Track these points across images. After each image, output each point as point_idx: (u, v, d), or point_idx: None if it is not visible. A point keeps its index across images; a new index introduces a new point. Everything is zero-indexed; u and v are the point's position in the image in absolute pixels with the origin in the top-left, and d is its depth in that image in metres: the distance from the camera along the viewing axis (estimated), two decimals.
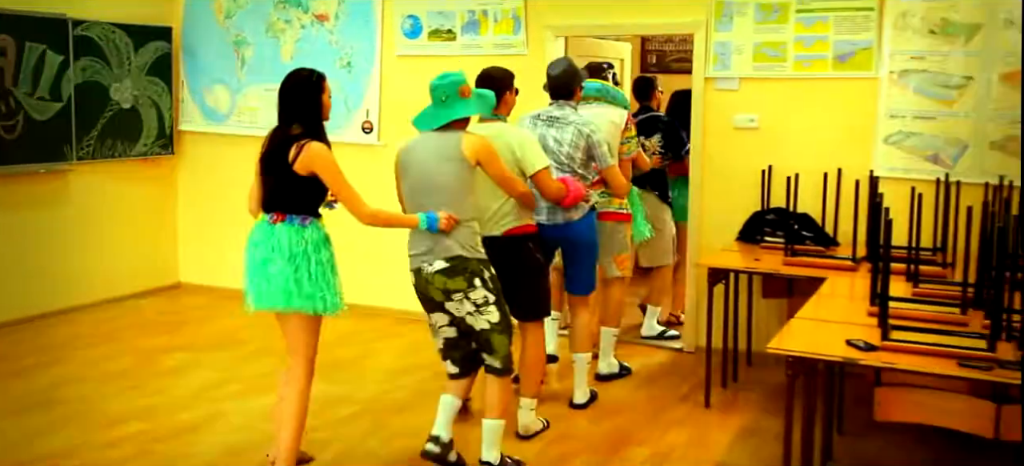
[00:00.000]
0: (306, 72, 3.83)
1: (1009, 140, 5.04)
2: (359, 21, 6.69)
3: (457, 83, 3.95)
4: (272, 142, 3.76)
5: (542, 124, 4.76)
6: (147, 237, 7.37)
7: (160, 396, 4.97)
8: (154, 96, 7.18)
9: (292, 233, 3.71)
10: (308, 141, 3.67)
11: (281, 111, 3.77)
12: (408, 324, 6.50)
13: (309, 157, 3.65)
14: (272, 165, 3.74)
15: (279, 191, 3.74)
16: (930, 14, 5.19)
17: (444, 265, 3.83)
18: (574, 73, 4.87)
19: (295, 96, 3.76)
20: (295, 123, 3.72)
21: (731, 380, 5.28)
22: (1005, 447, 3.34)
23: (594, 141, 4.67)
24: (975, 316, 3.59)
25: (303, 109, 3.74)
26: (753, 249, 5.20)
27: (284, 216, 3.73)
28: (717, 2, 5.66)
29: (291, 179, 3.68)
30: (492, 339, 3.89)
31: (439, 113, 3.95)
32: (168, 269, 7.54)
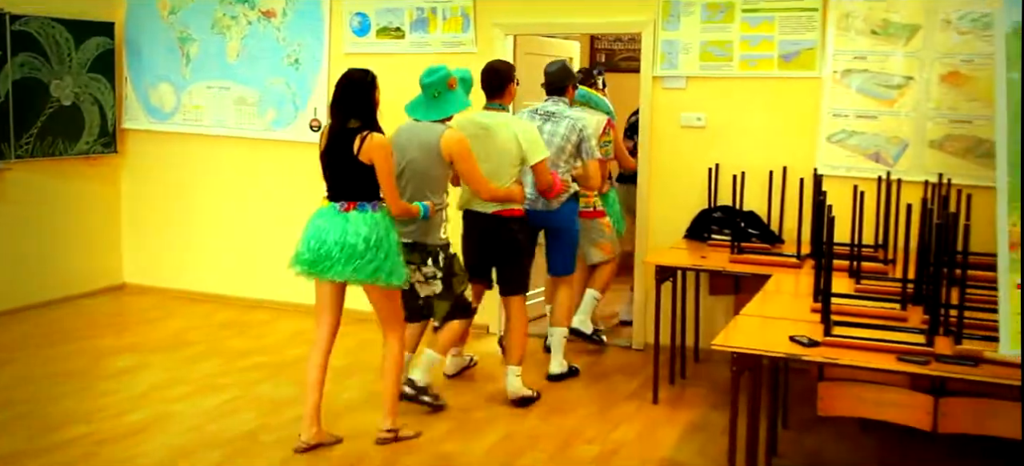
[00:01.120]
0: (361, 72, 4.19)
1: (947, 139, 5.16)
2: (307, 18, 6.63)
3: (445, 77, 4.53)
4: (332, 137, 4.13)
5: (539, 118, 5.23)
6: (90, 237, 7.22)
7: (107, 398, 4.89)
8: (96, 93, 7.04)
9: (367, 220, 4.07)
10: (370, 133, 4.07)
11: (338, 108, 4.13)
12: (356, 323, 6.43)
13: (370, 147, 4.04)
14: (336, 157, 4.11)
15: (347, 180, 4.11)
16: (872, 15, 5.30)
17: (409, 241, 4.46)
18: (569, 72, 5.45)
19: (351, 94, 4.13)
20: (352, 118, 4.10)
21: (679, 377, 5.34)
22: (943, 439, 3.42)
23: (585, 135, 5.17)
24: (915, 312, 3.67)
25: (359, 105, 4.12)
26: (700, 247, 5.26)
27: (355, 204, 4.09)
28: (664, 1, 5.72)
29: (357, 168, 4.06)
30: (433, 304, 4.65)
31: (435, 107, 4.55)
32: (113, 269, 7.40)
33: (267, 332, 6.28)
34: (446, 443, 4.37)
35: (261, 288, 6.95)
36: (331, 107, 4.19)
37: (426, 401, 4.69)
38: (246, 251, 7.05)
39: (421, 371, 4.71)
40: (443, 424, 4.60)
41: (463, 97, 4.66)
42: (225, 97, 6.95)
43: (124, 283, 7.45)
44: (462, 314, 4.71)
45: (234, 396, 4.95)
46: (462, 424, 4.61)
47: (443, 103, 4.54)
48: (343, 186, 4.12)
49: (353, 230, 4.03)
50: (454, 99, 4.58)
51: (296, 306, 6.78)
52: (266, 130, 6.84)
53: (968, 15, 5.08)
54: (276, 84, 6.77)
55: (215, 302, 7.00)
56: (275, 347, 5.92)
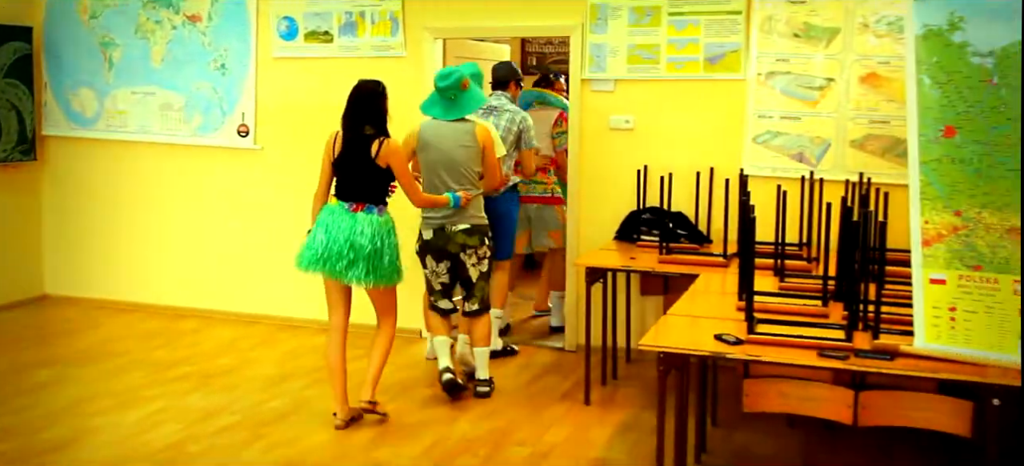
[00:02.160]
0: (372, 83, 4.58)
1: (867, 139, 5.29)
2: (233, 22, 6.53)
3: (459, 80, 4.91)
4: (348, 143, 4.47)
5: (483, 112, 5.48)
6: (9, 247, 7.00)
7: (22, 414, 4.74)
8: (14, 99, 6.84)
9: (373, 222, 4.44)
10: (386, 138, 4.46)
11: (352, 116, 4.50)
12: (288, 330, 6.39)
13: (388, 151, 4.44)
14: (352, 161, 4.46)
15: (360, 182, 4.47)
16: (793, 18, 5.40)
17: (468, 227, 4.91)
18: (512, 70, 5.96)
19: (365, 103, 4.51)
20: (366, 125, 4.46)
21: (611, 377, 5.38)
22: (865, 432, 3.50)
23: (524, 126, 5.60)
24: (836, 308, 3.75)
25: (373, 114, 4.49)
26: (630, 248, 5.30)
27: (363, 206, 4.46)
28: (592, 5, 5.76)
29: (372, 171, 4.43)
30: (477, 285, 5.00)
31: (454, 108, 4.94)
32: (32, 280, 7.19)
33: (195, 341, 6.16)
34: (378, 448, 4.34)
35: (189, 296, 6.83)
36: (344, 116, 4.52)
37: (485, 392, 5.06)
38: (174, 259, 6.91)
39: (482, 368, 5.10)
40: (373, 429, 4.56)
41: (479, 94, 5.06)
42: (150, 102, 6.81)
43: (45, 294, 7.24)
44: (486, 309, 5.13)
45: (160, 407, 4.85)
46: (393, 429, 4.58)
47: (461, 104, 4.95)
48: (355, 188, 4.48)
49: (359, 230, 4.40)
50: (470, 98, 4.98)
51: (225, 314, 6.68)
52: (192, 136, 6.72)
53: (884, 18, 5.21)
54: (202, 89, 6.65)
55: (141, 312, 6.85)
56: (203, 356, 5.81)
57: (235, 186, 6.71)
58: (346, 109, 4.53)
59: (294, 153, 6.50)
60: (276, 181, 6.57)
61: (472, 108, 5.00)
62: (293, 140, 6.49)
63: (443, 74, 4.96)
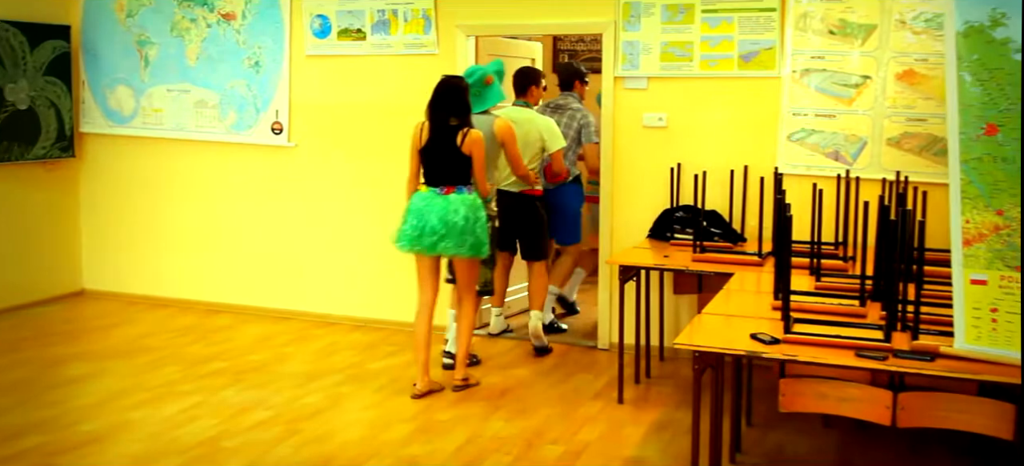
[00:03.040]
0: (456, 79, 5.07)
1: (905, 137, 5.22)
2: (267, 20, 6.58)
3: (483, 77, 5.33)
4: (434, 132, 4.89)
5: (550, 110, 6.18)
6: (48, 243, 7.10)
7: (60, 407, 4.81)
8: (53, 97, 6.93)
9: (464, 200, 4.86)
10: (470, 129, 4.89)
11: (437, 108, 4.93)
12: (322, 327, 6.43)
13: (471, 141, 4.87)
14: (439, 149, 4.89)
15: (448, 168, 4.88)
16: (829, 15, 5.35)
17: None
18: (575, 70, 6.43)
19: (450, 97, 4.93)
20: (452, 116, 4.88)
21: (644, 376, 5.36)
22: (903, 433, 3.46)
23: (584, 123, 6.15)
24: (873, 308, 3.71)
25: (457, 106, 4.92)
26: (663, 246, 5.28)
27: (453, 188, 4.87)
28: (625, 3, 5.74)
29: (458, 158, 4.86)
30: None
31: (477, 103, 5.23)
32: (71, 276, 7.29)
33: (229, 337, 6.22)
34: (411, 445, 4.35)
35: (224, 292, 6.89)
36: (430, 108, 4.94)
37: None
38: (207, 255, 6.97)
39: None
40: (407, 426, 4.58)
41: (499, 90, 5.42)
42: (185, 100, 6.87)
43: (83, 289, 7.35)
44: (486, 293, 5.45)
45: (194, 403, 4.89)
46: (426, 426, 4.59)
47: (484, 98, 5.32)
48: (443, 173, 4.89)
49: (453, 209, 4.82)
50: (491, 94, 5.36)
51: (259, 310, 6.73)
52: (227, 133, 6.78)
53: (922, 15, 5.14)
54: (237, 87, 6.70)
55: (175, 307, 6.92)
56: (236, 352, 5.86)
57: (269, 183, 6.75)
58: (432, 101, 4.95)
59: (327, 150, 6.54)
60: (309, 178, 6.61)
61: (494, 102, 5.37)
62: (326, 137, 6.53)
63: (468, 73, 5.36)
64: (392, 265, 6.39)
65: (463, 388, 5.09)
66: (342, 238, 6.56)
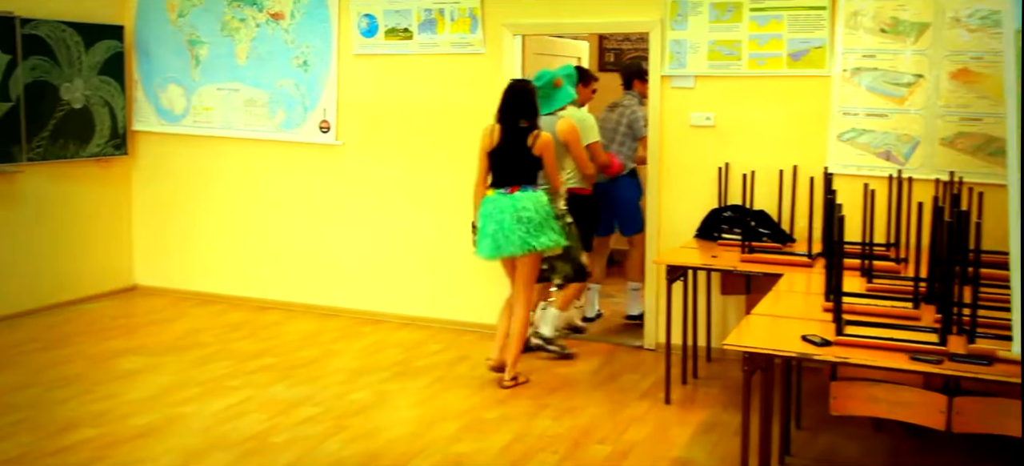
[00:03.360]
0: (523, 82, 5.27)
1: (959, 137, 5.14)
2: (315, 20, 6.64)
3: (551, 80, 5.51)
4: (505, 135, 5.05)
5: (607, 109, 6.49)
6: (101, 239, 7.24)
7: (114, 400, 4.90)
8: (106, 96, 7.06)
9: (530, 196, 5.01)
10: (540, 130, 5.06)
11: (507, 111, 5.09)
12: (369, 324, 6.48)
13: (542, 142, 5.04)
14: (510, 150, 5.05)
15: (516, 168, 5.05)
16: (880, 13, 5.28)
17: None
18: (633, 69, 6.55)
19: (519, 100, 5.10)
20: (521, 119, 5.05)
21: (691, 376, 5.33)
22: (957, 438, 3.40)
23: (633, 118, 6.34)
24: (927, 310, 3.65)
25: (526, 109, 5.09)
26: (711, 246, 5.24)
27: (518, 187, 5.01)
28: (672, 1, 5.70)
29: (528, 158, 5.03)
30: (556, 265, 5.37)
31: (546, 104, 5.43)
32: (123, 271, 7.42)
33: (278, 333, 6.29)
34: (458, 443, 4.37)
35: (272, 289, 6.97)
36: (500, 111, 5.11)
37: (553, 349, 5.68)
38: (256, 252, 7.06)
39: (548, 326, 5.69)
40: (454, 424, 4.60)
41: (567, 93, 5.57)
42: (234, 99, 6.97)
43: (135, 285, 7.48)
44: (579, 277, 5.53)
45: (245, 397, 4.96)
46: (473, 424, 4.61)
47: (552, 100, 5.49)
48: (510, 174, 5.05)
49: (522, 205, 4.96)
50: (560, 96, 5.53)
51: (307, 307, 6.81)
52: (275, 131, 6.85)
53: (977, 12, 5.05)
54: (285, 86, 6.78)
55: (225, 303, 7.02)
56: (286, 348, 5.93)
57: (316, 181, 6.82)
58: (502, 105, 5.12)
59: (374, 149, 6.58)
60: (357, 177, 6.66)
61: (561, 103, 5.53)
62: (373, 136, 6.58)
63: (537, 76, 5.53)
64: (438, 263, 6.44)
65: (513, 387, 5.12)
66: (388, 235, 6.60)
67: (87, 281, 7.11)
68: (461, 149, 6.28)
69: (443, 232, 6.39)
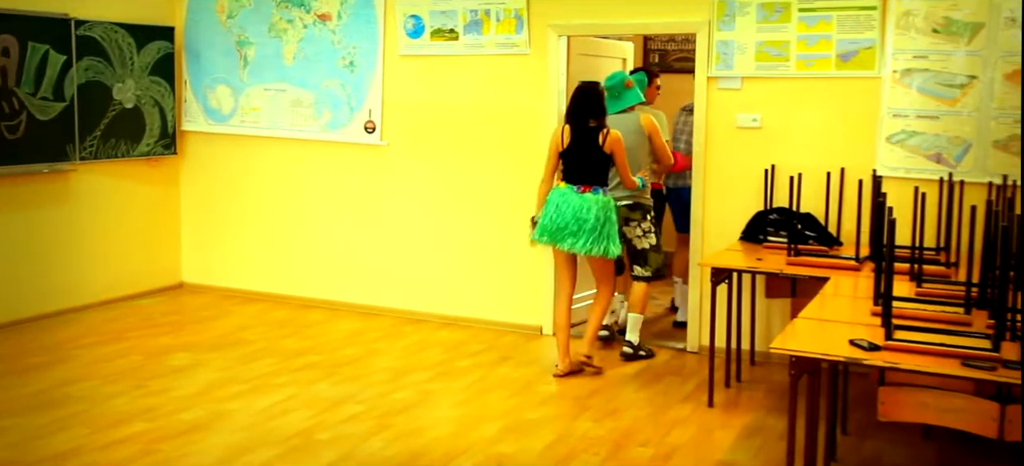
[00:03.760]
0: (592, 84, 5.36)
1: (1012, 139, 5.04)
2: (361, 21, 6.69)
3: (623, 80, 5.75)
4: (576, 134, 5.22)
5: (685, 112, 6.45)
6: (150, 237, 7.37)
7: (163, 396, 4.98)
8: (157, 96, 7.18)
9: (599, 200, 5.16)
10: (610, 130, 5.22)
11: (577, 111, 5.27)
12: (411, 324, 6.51)
13: (612, 140, 5.21)
14: (580, 149, 5.21)
15: (587, 167, 5.21)
16: (933, 13, 5.19)
17: (630, 202, 5.61)
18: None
19: (589, 101, 5.26)
20: (590, 118, 5.22)
21: (735, 380, 5.28)
22: (1009, 447, 3.34)
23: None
24: (979, 316, 3.58)
25: (596, 109, 5.25)
26: (756, 249, 5.20)
27: (590, 187, 5.18)
28: (719, 1, 5.66)
29: (599, 157, 5.19)
30: (648, 255, 5.65)
31: (616, 103, 5.64)
32: (171, 269, 7.54)
33: (322, 332, 6.35)
34: (501, 443, 4.38)
35: (316, 288, 7.03)
36: (570, 112, 5.30)
37: (642, 355, 5.74)
38: (302, 251, 7.13)
39: (632, 332, 5.74)
40: (496, 424, 4.60)
41: (637, 93, 5.77)
42: (281, 99, 7.04)
43: (182, 282, 7.59)
44: (657, 276, 5.78)
45: (289, 395, 5.01)
46: (515, 424, 4.61)
47: (623, 99, 5.67)
48: (582, 172, 5.20)
49: (587, 207, 5.11)
50: (630, 95, 5.72)
51: (351, 306, 6.86)
52: (322, 131, 6.92)
53: None
54: (331, 86, 6.84)
55: (270, 301, 7.10)
56: (330, 346, 5.98)
57: (361, 181, 6.87)
58: (571, 105, 5.31)
59: (419, 149, 6.62)
60: (401, 177, 6.70)
61: (631, 102, 5.70)
62: (418, 137, 6.61)
63: (610, 77, 5.78)
64: (480, 263, 6.45)
65: (584, 366, 5.37)
66: (432, 236, 6.63)
67: (137, 278, 7.23)
68: (505, 150, 6.31)
69: (486, 233, 6.41)
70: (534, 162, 6.18)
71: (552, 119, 6.11)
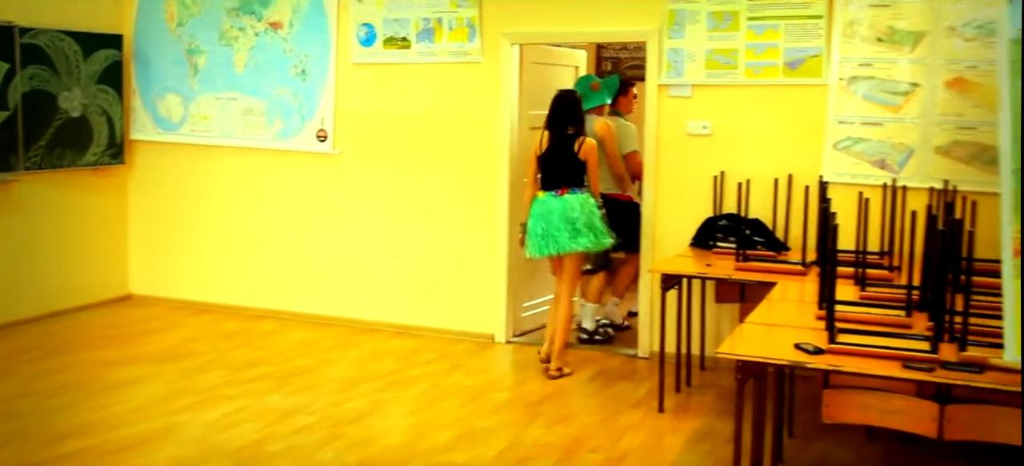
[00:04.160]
0: (570, 92, 5.63)
1: (954, 145, 5.14)
2: (313, 29, 6.66)
3: (590, 82, 6.21)
4: (554, 141, 5.42)
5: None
6: (97, 248, 7.25)
7: (108, 410, 4.89)
8: (104, 105, 7.08)
9: (578, 198, 5.34)
10: (586, 137, 5.44)
11: (556, 120, 5.45)
12: (363, 333, 6.47)
13: (587, 148, 5.40)
14: (558, 155, 5.41)
15: (565, 171, 5.39)
16: (877, 22, 5.29)
17: None
18: None
19: (566, 109, 5.46)
20: (569, 126, 5.41)
21: (685, 385, 5.32)
22: (949, 446, 3.40)
23: None
24: (920, 318, 3.65)
25: (573, 117, 5.45)
26: (706, 254, 5.25)
27: (568, 189, 5.35)
28: (670, 10, 5.72)
29: (575, 162, 5.38)
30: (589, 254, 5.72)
31: (586, 101, 5.87)
32: (118, 280, 7.42)
33: (273, 342, 6.29)
34: (452, 451, 4.37)
35: (268, 298, 6.97)
36: (549, 120, 5.47)
37: (598, 339, 6.17)
38: (253, 261, 7.06)
39: (588, 320, 6.16)
40: (448, 432, 4.59)
41: (601, 96, 6.18)
42: (232, 108, 6.98)
43: (130, 294, 7.47)
44: (604, 266, 6.14)
45: (239, 407, 4.95)
46: (467, 433, 4.60)
47: (586, 99, 5.90)
48: (559, 177, 5.38)
49: (570, 207, 5.30)
50: (593, 97, 6.10)
51: (303, 316, 6.80)
52: (273, 140, 6.86)
53: (973, 22, 5.06)
54: (283, 95, 6.79)
55: (221, 312, 7.01)
56: (281, 357, 5.92)
57: (313, 190, 6.83)
58: (550, 113, 5.48)
59: (372, 158, 6.59)
60: (353, 186, 6.67)
61: (594, 104, 6.08)
62: (371, 145, 6.58)
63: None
64: (433, 272, 6.44)
65: (558, 377, 5.46)
66: (384, 245, 6.61)
67: (83, 290, 7.10)
68: (458, 158, 6.31)
69: (438, 242, 6.40)
70: (487, 171, 6.20)
71: (505, 127, 6.13)
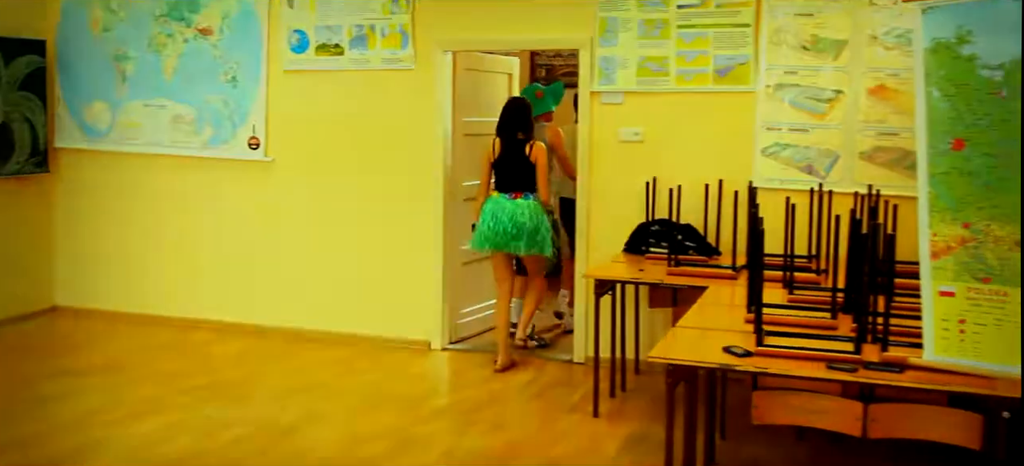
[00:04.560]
0: (520, 99, 5.97)
1: (876, 151, 5.29)
2: (244, 35, 6.58)
3: (535, 90, 6.60)
4: (506, 146, 5.70)
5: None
6: (20, 259, 7.04)
7: (37, 425, 4.77)
8: (27, 112, 6.89)
9: (529, 204, 5.63)
10: (536, 141, 5.73)
11: (507, 126, 5.74)
12: (299, 343, 6.41)
13: (538, 152, 5.69)
14: (510, 160, 5.69)
15: (517, 176, 5.66)
16: (801, 31, 5.42)
17: None
18: None
19: (517, 115, 5.76)
20: (519, 132, 5.70)
21: (620, 389, 5.38)
22: (874, 444, 3.50)
23: None
24: (845, 320, 3.75)
25: (523, 123, 5.74)
26: (639, 260, 5.31)
27: (521, 193, 5.64)
28: (602, 18, 5.78)
29: (526, 167, 5.65)
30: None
31: (534, 107, 6.10)
32: (43, 292, 7.23)
33: (207, 353, 6.19)
34: (389, 460, 4.35)
35: (201, 308, 6.86)
36: (500, 126, 5.75)
37: (532, 344, 6.31)
38: (184, 271, 6.94)
39: (521, 329, 6.20)
40: (384, 442, 4.58)
41: (546, 103, 6.53)
42: (161, 115, 6.86)
43: (55, 305, 7.29)
44: (553, 272, 6.35)
45: (173, 419, 4.86)
46: (403, 441, 4.59)
47: (535, 104, 6.21)
48: (512, 180, 5.66)
49: (520, 212, 5.57)
50: (538, 104, 6.37)
51: (237, 326, 6.71)
52: (203, 148, 6.76)
53: (893, 31, 5.22)
54: (213, 102, 6.69)
55: (152, 323, 6.88)
56: (215, 368, 5.84)
57: (246, 198, 6.74)
58: (501, 120, 5.76)
59: (305, 165, 6.54)
60: (287, 193, 6.60)
61: (539, 111, 6.35)
62: (304, 152, 6.53)
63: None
64: (368, 280, 6.41)
65: (523, 348, 6.08)
66: (319, 252, 6.55)
67: (5, 303, 6.89)
68: (391, 165, 6.29)
69: (373, 249, 6.38)
70: (421, 177, 6.20)
71: (438, 134, 6.14)
